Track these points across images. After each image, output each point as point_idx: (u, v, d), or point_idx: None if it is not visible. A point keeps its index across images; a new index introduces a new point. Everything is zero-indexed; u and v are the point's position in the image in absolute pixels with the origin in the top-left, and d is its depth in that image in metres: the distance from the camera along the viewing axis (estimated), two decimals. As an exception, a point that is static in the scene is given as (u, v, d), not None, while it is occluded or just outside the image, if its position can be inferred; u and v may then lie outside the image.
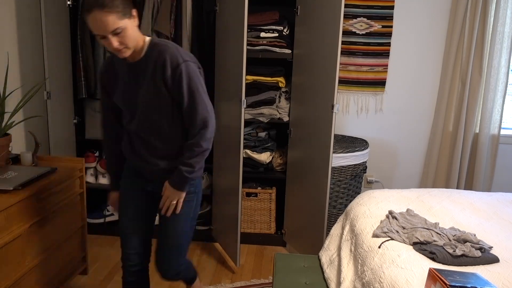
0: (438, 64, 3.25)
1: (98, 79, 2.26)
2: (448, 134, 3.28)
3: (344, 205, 2.95)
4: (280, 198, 3.15)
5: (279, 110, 3.04)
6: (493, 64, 3.13)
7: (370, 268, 1.63)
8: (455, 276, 1.30)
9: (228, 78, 2.72)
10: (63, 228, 2.27)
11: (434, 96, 3.30)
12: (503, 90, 3.17)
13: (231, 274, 2.78)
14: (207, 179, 3.18)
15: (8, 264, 1.83)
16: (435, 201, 2.19)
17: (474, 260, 1.57)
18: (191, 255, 2.97)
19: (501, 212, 2.09)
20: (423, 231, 1.72)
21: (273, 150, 3.14)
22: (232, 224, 2.79)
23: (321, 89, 2.58)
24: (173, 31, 2.91)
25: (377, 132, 3.38)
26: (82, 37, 2.93)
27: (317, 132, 2.66)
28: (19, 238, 1.89)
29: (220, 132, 2.91)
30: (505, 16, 3.07)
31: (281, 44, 2.91)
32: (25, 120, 2.40)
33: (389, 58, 3.25)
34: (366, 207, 2.09)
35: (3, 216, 1.79)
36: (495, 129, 3.25)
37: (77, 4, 2.92)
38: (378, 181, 3.46)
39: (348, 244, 1.96)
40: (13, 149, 2.40)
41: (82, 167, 2.40)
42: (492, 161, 3.30)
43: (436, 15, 3.18)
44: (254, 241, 3.19)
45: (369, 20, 3.19)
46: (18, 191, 1.91)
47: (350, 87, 3.30)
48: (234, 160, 2.67)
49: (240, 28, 2.50)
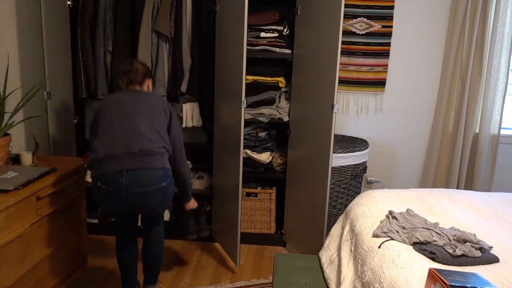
0: (438, 64, 3.25)
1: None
2: (448, 134, 3.28)
3: (344, 205, 2.95)
4: (280, 198, 3.15)
5: (279, 110, 3.04)
6: (493, 64, 3.13)
7: (370, 268, 1.63)
8: (455, 276, 1.30)
9: (228, 78, 2.72)
10: (63, 228, 2.27)
11: (434, 96, 3.30)
12: (503, 90, 3.17)
13: (231, 274, 2.78)
14: (207, 179, 3.18)
15: (8, 264, 1.84)
16: (435, 201, 2.19)
17: (474, 260, 1.57)
18: (191, 255, 2.98)
19: (501, 212, 2.09)
20: (423, 231, 1.72)
21: (273, 150, 3.14)
22: (232, 224, 2.79)
23: (321, 89, 2.58)
24: (173, 31, 2.91)
25: (377, 132, 3.38)
26: (82, 37, 2.93)
27: (317, 132, 2.66)
28: (19, 238, 1.89)
29: (220, 132, 2.92)
30: (505, 16, 3.07)
31: (281, 44, 2.91)
32: (25, 120, 2.40)
33: (389, 58, 3.25)
34: (366, 207, 2.10)
35: (3, 216, 1.79)
36: (495, 129, 3.25)
37: (77, 4, 2.92)
38: (378, 181, 3.46)
39: (348, 244, 1.96)
40: (13, 149, 2.40)
41: (82, 167, 2.40)
42: (492, 161, 3.30)
43: (436, 15, 3.18)
44: (254, 241, 3.19)
45: (369, 20, 3.19)
46: (18, 191, 1.91)
47: (350, 87, 3.30)
48: (234, 160, 2.68)
49: (240, 28, 2.50)
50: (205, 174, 3.20)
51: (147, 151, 2.07)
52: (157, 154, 2.10)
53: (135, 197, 2.05)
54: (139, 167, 2.03)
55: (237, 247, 2.75)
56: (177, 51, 2.92)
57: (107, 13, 2.92)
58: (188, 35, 2.92)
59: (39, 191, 2.01)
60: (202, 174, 3.20)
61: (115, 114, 2.14)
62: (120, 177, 2.00)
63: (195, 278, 2.71)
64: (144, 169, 2.04)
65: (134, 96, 2.23)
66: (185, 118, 3.00)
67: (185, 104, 2.99)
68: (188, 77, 2.96)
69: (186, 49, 2.93)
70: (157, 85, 2.95)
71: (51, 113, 2.69)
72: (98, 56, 2.96)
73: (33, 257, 2.01)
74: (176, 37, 2.91)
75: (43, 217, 2.07)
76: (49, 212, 2.12)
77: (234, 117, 2.65)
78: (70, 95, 2.95)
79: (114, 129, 2.09)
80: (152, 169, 2.07)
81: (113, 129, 2.09)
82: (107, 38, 2.95)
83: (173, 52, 2.93)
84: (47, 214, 2.10)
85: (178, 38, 2.91)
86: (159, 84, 2.95)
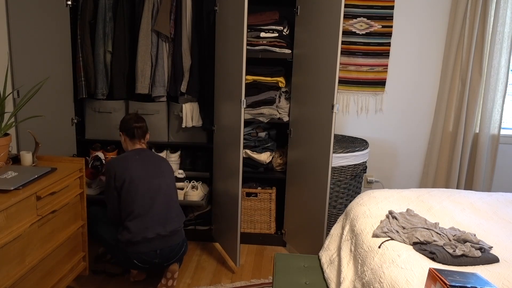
0: (438, 64, 3.25)
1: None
2: (448, 134, 3.28)
3: (344, 205, 2.95)
4: (280, 198, 3.15)
5: (279, 110, 3.04)
6: (493, 64, 3.13)
7: (370, 268, 1.63)
8: (455, 276, 1.30)
9: (228, 78, 2.72)
10: (63, 228, 2.27)
11: (434, 96, 3.30)
12: (503, 90, 3.17)
13: (231, 274, 2.78)
14: (201, 190, 3.06)
15: (8, 264, 1.84)
16: (435, 201, 2.19)
17: (474, 260, 1.57)
18: (191, 255, 2.98)
19: (501, 212, 2.09)
20: (423, 231, 1.72)
21: (273, 150, 3.14)
22: (232, 224, 2.79)
23: (321, 89, 2.58)
24: (173, 31, 2.91)
25: (377, 132, 3.38)
26: (82, 37, 2.93)
27: (317, 132, 2.66)
28: (19, 238, 1.89)
29: (220, 132, 2.91)
30: (505, 16, 3.07)
31: (281, 44, 2.91)
32: (25, 120, 2.39)
33: (389, 58, 3.25)
34: (366, 207, 2.10)
35: (3, 216, 1.79)
36: (495, 129, 3.25)
37: (77, 4, 2.92)
38: (378, 181, 3.46)
39: (348, 244, 1.96)
40: (13, 149, 2.40)
41: (82, 167, 2.40)
42: (492, 161, 3.30)
43: (436, 15, 3.18)
44: (254, 241, 3.19)
45: (369, 20, 3.19)
46: (18, 191, 1.91)
47: (350, 87, 3.30)
48: (234, 160, 2.67)
49: (240, 28, 2.50)
50: (199, 184, 3.07)
51: (174, 231, 2.44)
52: (180, 231, 2.50)
53: (163, 267, 2.50)
54: (169, 246, 2.42)
55: (237, 247, 2.75)
56: (177, 51, 2.92)
57: (107, 12, 2.92)
58: (188, 35, 2.92)
59: (39, 191, 2.01)
60: (196, 184, 3.07)
61: (141, 185, 2.40)
62: (154, 257, 2.38)
63: (195, 278, 2.71)
64: (171, 245, 2.43)
65: (150, 160, 2.51)
66: (185, 118, 3.00)
67: (185, 104, 2.99)
68: (188, 77, 2.96)
69: (186, 49, 2.93)
70: (157, 85, 2.95)
71: (51, 113, 2.70)
72: (98, 56, 2.96)
73: (33, 257, 2.01)
74: (176, 37, 2.91)
75: (43, 217, 2.06)
76: (49, 212, 2.11)
77: (234, 117, 2.65)
78: (70, 95, 2.95)
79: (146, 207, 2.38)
80: (178, 244, 2.47)
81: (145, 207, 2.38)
82: (107, 37, 2.95)
83: (173, 52, 2.93)
84: (47, 214, 2.10)
85: (178, 38, 2.91)
86: (159, 84, 2.95)
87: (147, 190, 2.40)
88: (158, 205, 2.41)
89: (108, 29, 2.94)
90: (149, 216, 2.37)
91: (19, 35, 2.39)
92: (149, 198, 2.39)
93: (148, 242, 2.35)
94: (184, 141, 3.14)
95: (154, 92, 2.97)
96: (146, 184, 2.40)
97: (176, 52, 2.92)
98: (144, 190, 2.39)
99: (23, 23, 2.41)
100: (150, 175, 2.43)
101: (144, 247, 2.35)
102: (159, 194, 2.42)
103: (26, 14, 2.43)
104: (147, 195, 2.39)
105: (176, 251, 2.46)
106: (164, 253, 2.40)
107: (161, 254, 2.39)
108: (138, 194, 2.38)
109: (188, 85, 2.97)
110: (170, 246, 2.42)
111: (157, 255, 2.38)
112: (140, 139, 2.56)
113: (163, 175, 2.48)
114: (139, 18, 2.90)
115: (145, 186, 2.40)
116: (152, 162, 2.51)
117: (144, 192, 2.39)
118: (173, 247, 2.43)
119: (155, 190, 2.42)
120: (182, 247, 2.50)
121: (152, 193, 2.41)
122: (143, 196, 2.38)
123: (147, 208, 2.38)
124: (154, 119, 3.05)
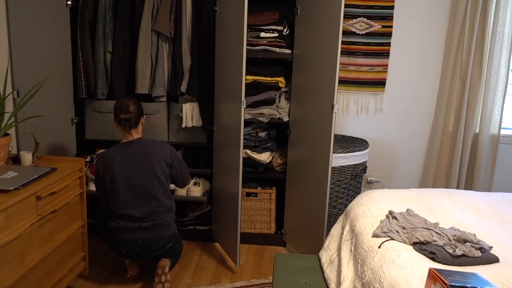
0: (438, 64, 3.25)
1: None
2: (448, 134, 3.28)
3: (344, 205, 2.95)
4: (280, 198, 3.15)
5: (279, 110, 3.04)
6: (493, 64, 3.13)
7: (370, 268, 1.63)
8: (455, 276, 1.30)
9: (228, 78, 2.72)
10: (63, 228, 2.27)
11: (434, 96, 3.30)
12: (503, 90, 3.17)
13: (231, 274, 2.78)
14: (203, 186, 3.13)
15: (8, 264, 1.84)
16: (435, 201, 2.19)
17: (474, 260, 1.57)
18: (191, 255, 2.98)
19: (501, 212, 2.09)
20: (423, 231, 1.72)
21: (273, 150, 3.14)
22: (232, 224, 2.79)
23: (321, 89, 2.58)
24: (173, 31, 2.91)
25: (377, 132, 3.38)
26: (82, 37, 2.93)
27: (317, 132, 2.66)
28: (19, 238, 1.89)
29: (220, 132, 2.91)
30: (505, 16, 3.07)
31: (281, 44, 2.91)
32: (25, 120, 2.39)
33: (389, 58, 3.25)
34: (366, 207, 2.09)
35: (3, 216, 1.79)
36: (495, 129, 3.25)
37: (77, 4, 2.92)
38: (378, 181, 3.46)
39: (348, 244, 1.96)
40: (13, 149, 2.40)
41: (82, 167, 2.40)
42: (492, 161, 3.30)
43: (436, 15, 3.18)
44: (254, 241, 3.19)
45: (369, 20, 3.19)
46: (18, 191, 1.91)
47: (350, 87, 3.30)
48: (234, 160, 2.67)
49: (240, 28, 2.50)
50: (201, 180, 3.15)
51: (158, 224, 2.46)
52: (166, 226, 2.50)
53: (147, 258, 2.58)
54: (152, 238, 2.46)
55: (237, 247, 2.75)
56: (177, 51, 2.92)
57: (107, 12, 2.92)
58: (188, 35, 2.92)
59: (39, 191, 2.01)
60: (198, 180, 3.14)
61: (122, 188, 2.43)
62: (136, 246, 2.45)
63: (195, 278, 2.71)
64: (155, 238, 2.46)
65: (133, 158, 2.45)
66: (185, 118, 3.00)
67: (185, 104, 2.99)
68: (188, 77, 2.96)
69: (186, 49, 2.93)
70: (157, 85, 2.95)
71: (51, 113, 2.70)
72: (98, 56, 2.96)
73: (33, 257, 2.01)
74: (176, 37, 2.91)
75: (43, 217, 2.06)
76: (49, 212, 2.11)
77: (234, 117, 2.65)
78: (70, 95, 2.95)
79: (129, 206, 2.43)
80: (162, 238, 2.48)
81: (128, 206, 2.43)
82: (107, 37, 2.95)
83: (173, 52, 2.93)
84: (47, 214, 2.10)
85: (178, 38, 2.91)
86: (159, 84, 2.95)
87: (129, 192, 2.43)
88: (141, 204, 2.45)
89: (108, 29, 2.94)
90: (133, 213, 2.44)
91: (19, 35, 2.39)
92: (132, 199, 2.43)
93: (129, 231, 2.44)
94: (184, 141, 3.14)
95: (154, 92, 2.97)
96: (126, 187, 2.43)
97: (176, 52, 2.92)
98: (126, 194, 2.43)
99: (23, 23, 2.42)
100: (131, 178, 2.43)
101: (126, 235, 2.44)
102: (142, 194, 2.44)
103: (26, 14, 2.43)
104: (130, 197, 2.43)
105: (160, 244, 2.47)
106: (146, 244, 2.46)
107: (143, 245, 2.45)
108: (120, 197, 2.43)
109: (188, 85, 2.97)
110: (154, 238, 2.46)
111: (139, 244, 2.45)
112: (131, 130, 2.48)
113: (146, 175, 2.44)
114: (139, 18, 2.90)
115: (125, 189, 2.43)
116: (137, 160, 2.45)
117: (126, 195, 2.43)
118: (156, 239, 2.46)
119: (138, 191, 2.44)
120: (169, 242, 2.51)
121: (135, 195, 2.44)
122: (125, 198, 2.43)
123: (130, 207, 2.44)
124: (154, 119, 3.05)
